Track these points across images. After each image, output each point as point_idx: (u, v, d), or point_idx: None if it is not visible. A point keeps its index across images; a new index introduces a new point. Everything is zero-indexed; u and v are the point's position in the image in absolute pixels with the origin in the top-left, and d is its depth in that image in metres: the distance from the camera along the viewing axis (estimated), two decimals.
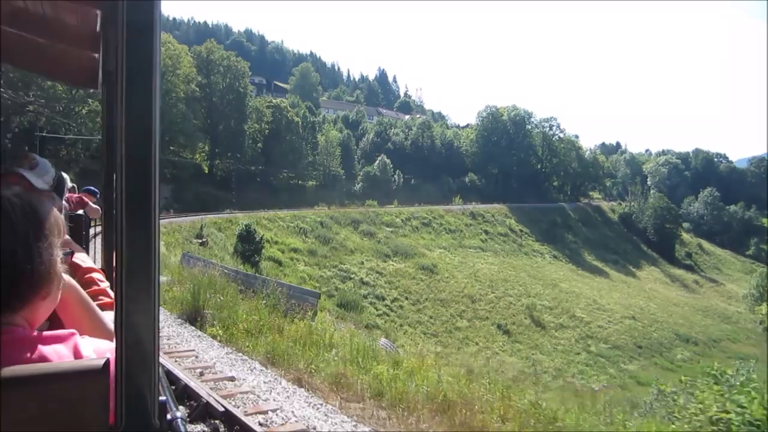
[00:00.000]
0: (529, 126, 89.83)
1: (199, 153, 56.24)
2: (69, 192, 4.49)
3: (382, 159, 70.69)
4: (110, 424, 0.94)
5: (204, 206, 46.49)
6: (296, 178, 64.11)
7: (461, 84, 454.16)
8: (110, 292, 1.67)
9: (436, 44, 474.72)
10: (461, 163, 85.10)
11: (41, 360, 0.96)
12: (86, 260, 1.83)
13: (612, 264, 66.95)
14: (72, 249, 1.72)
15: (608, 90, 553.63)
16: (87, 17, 2.26)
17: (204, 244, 31.24)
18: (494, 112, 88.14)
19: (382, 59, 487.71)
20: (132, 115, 0.90)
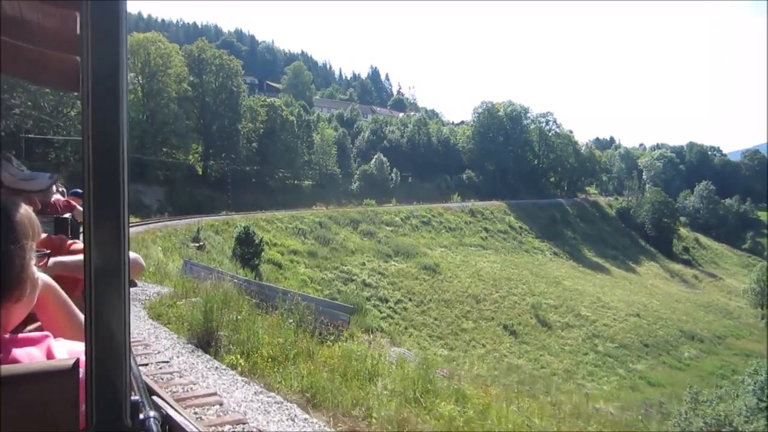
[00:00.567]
0: (526, 121, 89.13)
1: (193, 154, 54.87)
2: (57, 195, 4.16)
3: (379, 157, 69.52)
4: (82, 425, 0.93)
5: (199, 208, 45.24)
6: (292, 178, 62.90)
7: (453, 82, 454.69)
8: None
9: (428, 42, 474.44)
10: (458, 160, 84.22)
11: (12, 363, 0.96)
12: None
13: (612, 260, 66.47)
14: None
15: (600, 85, 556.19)
16: (67, 20, 2.26)
17: (201, 248, 30.10)
18: (490, 108, 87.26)
19: (374, 57, 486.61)
20: (99, 115, 0.90)
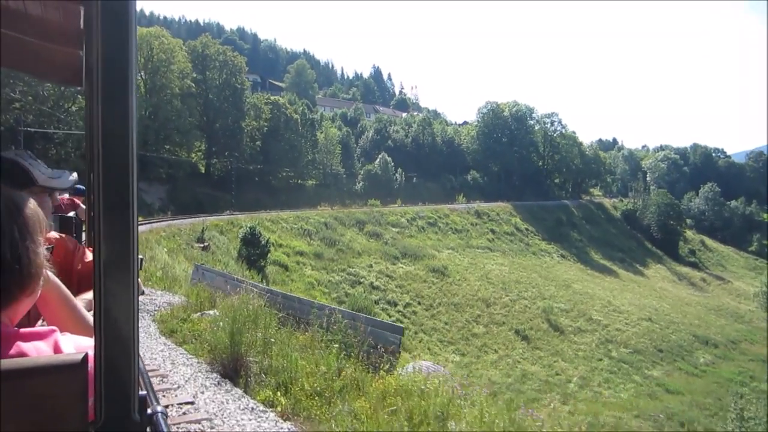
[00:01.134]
0: (531, 122, 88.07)
1: (196, 152, 53.73)
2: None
3: (383, 157, 68.44)
4: (90, 419, 0.94)
5: (201, 207, 44.22)
6: (296, 178, 61.76)
7: (455, 82, 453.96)
8: None
9: (430, 43, 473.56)
10: (462, 161, 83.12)
11: (20, 356, 0.96)
12: None
13: (619, 262, 65.52)
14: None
15: (602, 86, 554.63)
16: (70, 14, 2.23)
17: (206, 249, 29.08)
18: (495, 108, 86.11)
19: (376, 57, 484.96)
20: (109, 110, 0.91)
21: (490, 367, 30.23)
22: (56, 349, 1.02)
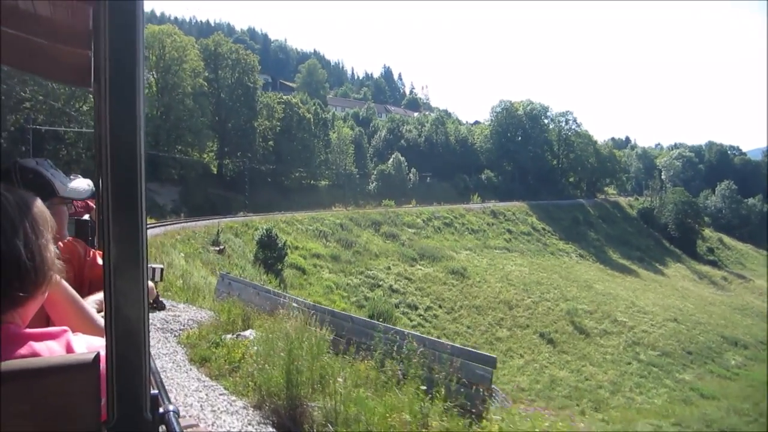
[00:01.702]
0: (546, 120, 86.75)
1: (208, 152, 52.88)
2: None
3: (397, 157, 67.36)
4: (102, 418, 0.95)
5: (214, 209, 43.37)
6: (309, 178, 60.86)
7: (467, 82, 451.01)
8: None
9: (441, 42, 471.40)
10: (476, 160, 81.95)
11: (33, 356, 0.97)
12: None
13: (638, 262, 64.08)
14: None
15: (615, 84, 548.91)
16: (79, 14, 2.21)
17: (221, 252, 28.13)
18: (509, 107, 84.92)
19: (386, 57, 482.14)
20: (117, 111, 0.92)
21: (518, 373, 29.06)
22: (68, 349, 1.03)
